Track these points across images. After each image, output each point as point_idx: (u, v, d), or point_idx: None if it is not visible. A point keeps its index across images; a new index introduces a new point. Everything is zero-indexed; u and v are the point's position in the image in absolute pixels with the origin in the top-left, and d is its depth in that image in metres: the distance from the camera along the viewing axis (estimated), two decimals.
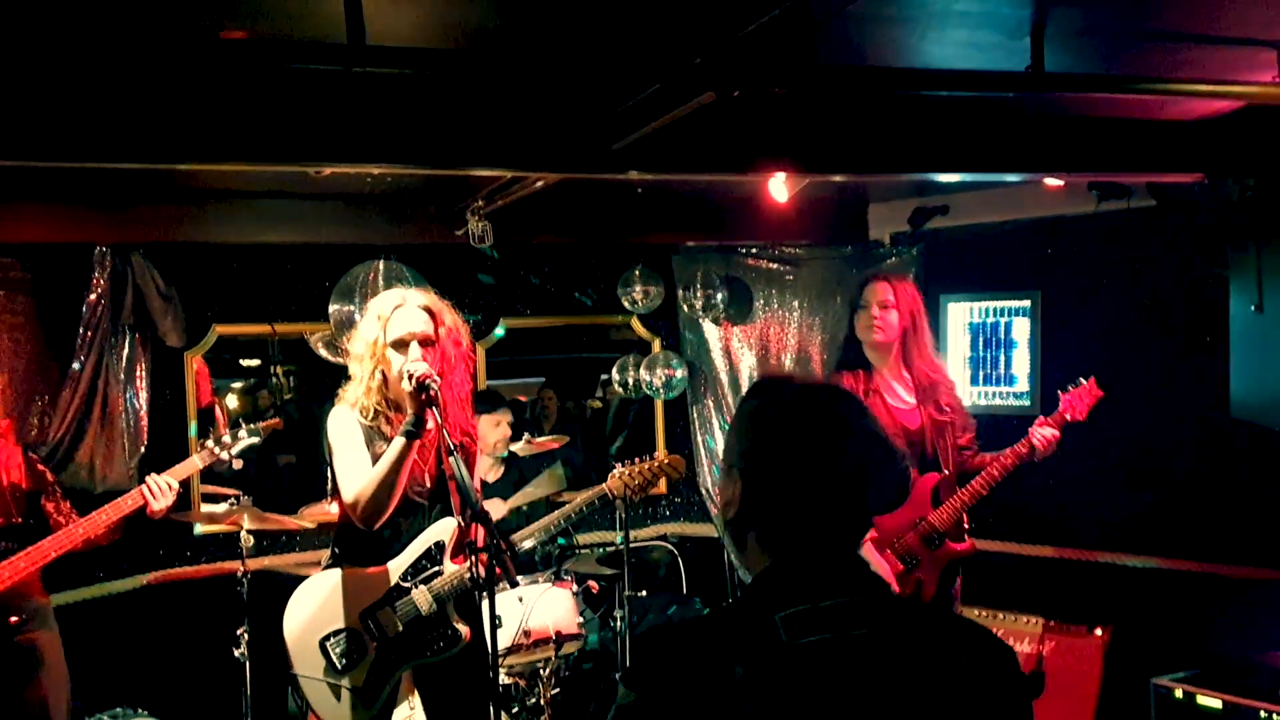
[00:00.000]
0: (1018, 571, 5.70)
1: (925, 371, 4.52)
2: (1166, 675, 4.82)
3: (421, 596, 3.70)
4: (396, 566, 3.74)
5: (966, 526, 4.55)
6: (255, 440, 4.35)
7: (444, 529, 3.74)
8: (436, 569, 3.71)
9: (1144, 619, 5.32)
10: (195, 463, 4.24)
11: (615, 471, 4.20)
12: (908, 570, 4.42)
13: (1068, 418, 4.43)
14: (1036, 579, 5.69)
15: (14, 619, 3.99)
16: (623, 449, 7.25)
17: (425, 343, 3.68)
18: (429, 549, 3.73)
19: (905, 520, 4.39)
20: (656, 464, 4.31)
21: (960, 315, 6.06)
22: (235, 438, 4.29)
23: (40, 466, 4.23)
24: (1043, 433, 4.38)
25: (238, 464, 4.47)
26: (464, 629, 3.73)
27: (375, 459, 3.69)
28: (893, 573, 4.36)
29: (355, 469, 3.69)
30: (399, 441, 3.59)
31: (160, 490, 4.06)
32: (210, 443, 4.27)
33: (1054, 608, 5.55)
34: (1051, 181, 5.05)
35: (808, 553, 1.66)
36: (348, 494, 3.67)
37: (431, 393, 3.57)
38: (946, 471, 4.46)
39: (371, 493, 3.62)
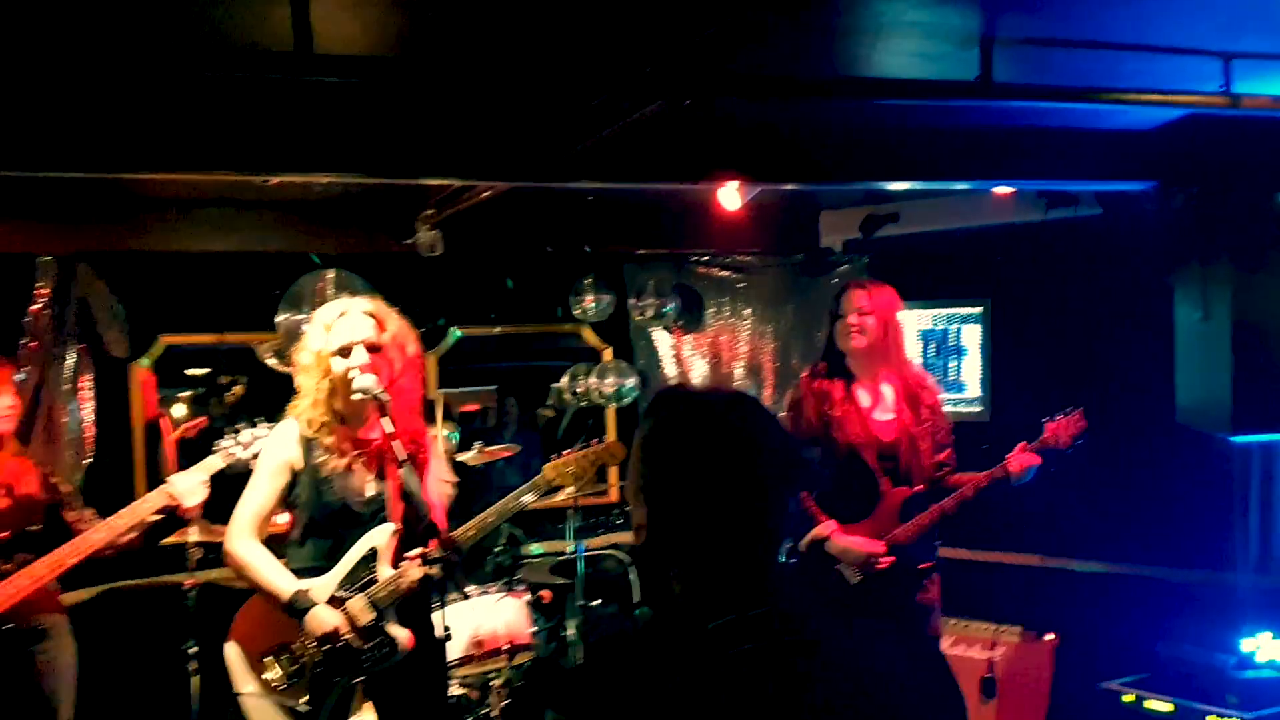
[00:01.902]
0: (968, 577, 5.74)
1: (905, 378, 4.47)
2: (1116, 680, 4.86)
3: (358, 605, 3.64)
4: (334, 576, 3.69)
5: (937, 542, 4.50)
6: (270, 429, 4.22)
7: (378, 536, 3.69)
8: (371, 576, 3.67)
9: (1093, 624, 5.37)
10: (216, 462, 4.10)
11: (552, 460, 4.17)
12: None
13: (1050, 445, 4.34)
14: (987, 585, 5.73)
15: (28, 628, 3.92)
16: None
17: (371, 349, 3.64)
18: (364, 556, 3.68)
19: (869, 534, 4.34)
20: (593, 451, 4.23)
21: (911, 322, 6.10)
22: (254, 435, 4.17)
23: (53, 479, 4.13)
24: (1020, 459, 4.30)
25: (254, 463, 4.31)
26: (403, 636, 3.67)
27: (313, 471, 3.67)
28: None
29: (249, 504, 3.73)
30: (289, 605, 3.61)
31: (192, 489, 3.97)
32: (227, 443, 4.13)
33: (1004, 613, 5.59)
34: (1001, 190, 5.10)
35: (728, 564, 1.65)
36: (234, 521, 3.72)
37: (382, 403, 3.55)
38: (919, 487, 4.39)
39: (241, 551, 3.69)
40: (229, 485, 4.12)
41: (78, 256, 5.27)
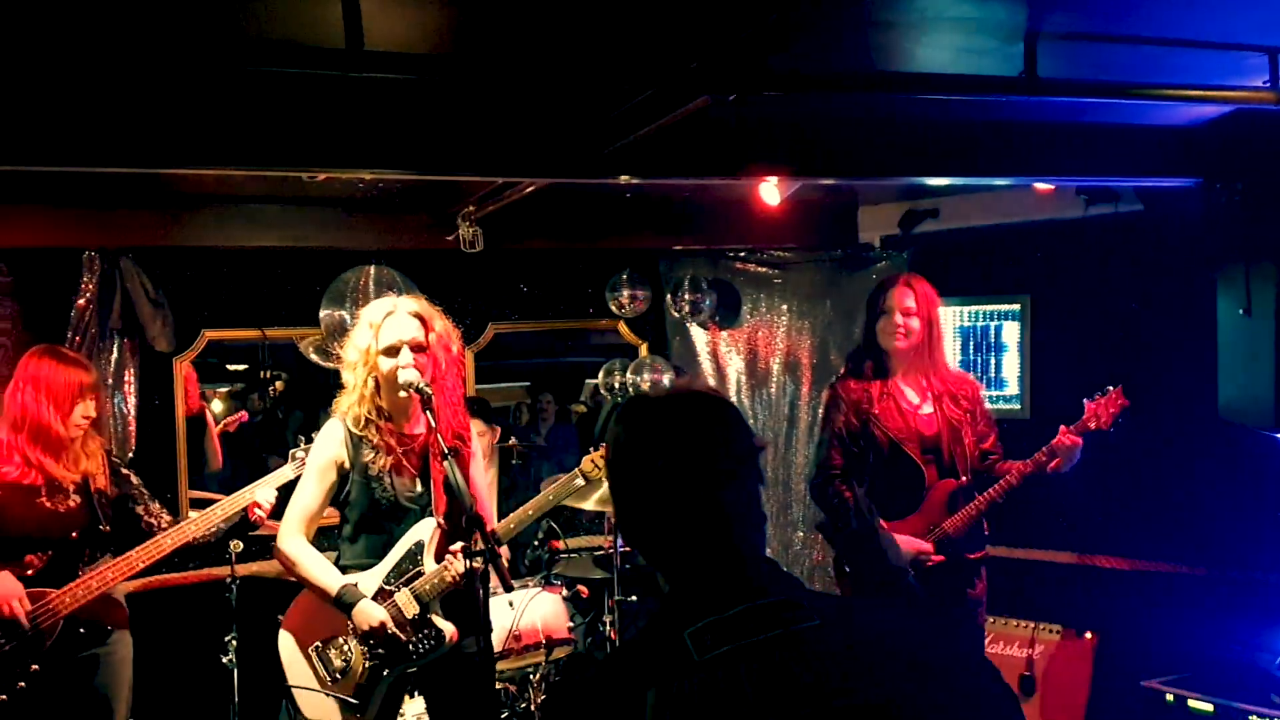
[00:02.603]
0: (1007, 575, 5.72)
1: (943, 373, 4.46)
2: (1157, 678, 4.83)
3: (404, 598, 3.69)
4: (380, 570, 3.74)
5: (986, 533, 4.48)
6: None
7: (424, 529, 3.74)
8: (417, 570, 3.71)
9: (1132, 622, 5.34)
10: (287, 473, 4.13)
11: (589, 454, 4.19)
12: None
13: (1090, 426, 4.32)
14: (1025, 583, 5.71)
15: (95, 628, 3.96)
16: None
17: (417, 348, 3.69)
18: (409, 550, 3.73)
19: (918, 527, 4.34)
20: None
21: (950, 319, 6.08)
22: None
23: (125, 471, 4.16)
24: (1065, 441, 4.28)
25: None
26: (449, 629, 3.72)
27: (363, 469, 3.73)
28: None
29: (298, 503, 3.80)
30: (337, 599, 3.68)
31: (267, 499, 4.05)
32: (302, 454, 4.16)
33: (1043, 611, 5.56)
34: (1041, 185, 5.07)
35: (704, 564, 1.64)
36: (286, 519, 3.79)
37: (427, 398, 3.60)
38: (964, 478, 4.38)
39: (291, 549, 3.77)
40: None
41: (123, 251, 5.33)
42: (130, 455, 5.35)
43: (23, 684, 3.75)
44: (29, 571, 3.83)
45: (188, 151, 3.37)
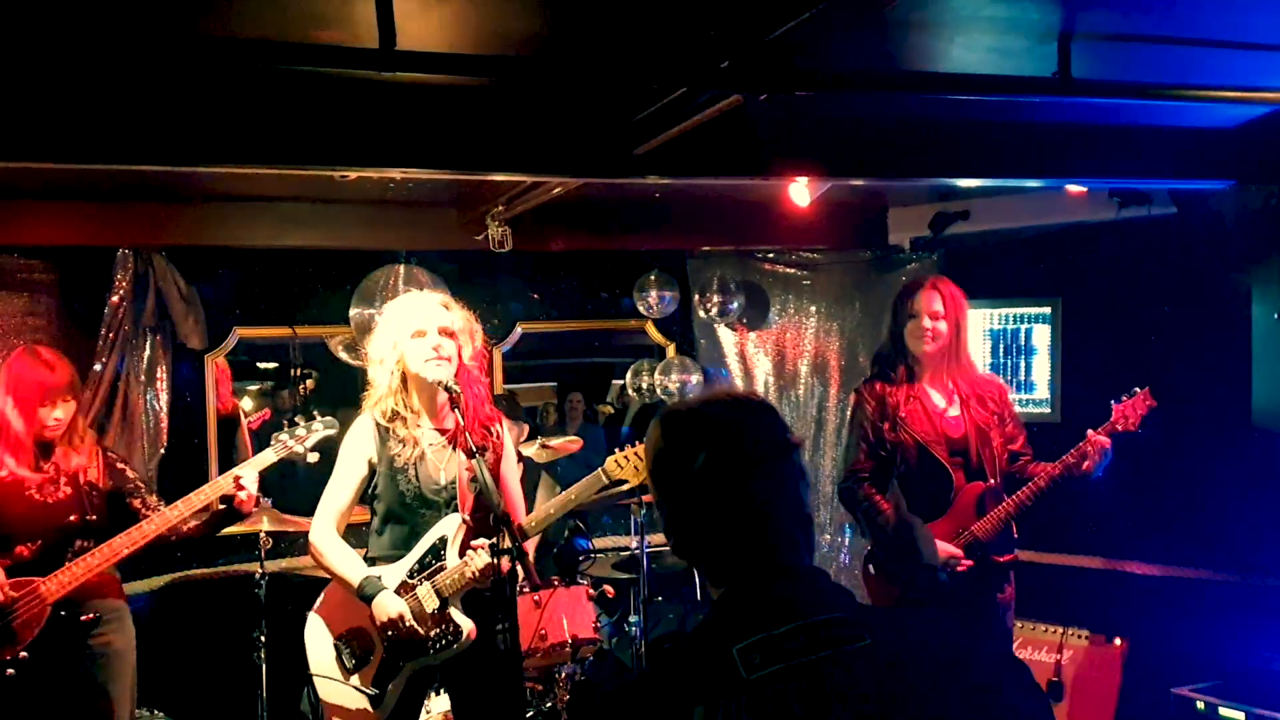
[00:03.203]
0: (1036, 579, 5.68)
1: (970, 376, 4.43)
2: (1187, 686, 4.79)
3: (424, 592, 3.72)
4: (405, 564, 3.76)
5: (1015, 536, 4.44)
6: (331, 432, 4.22)
7: (449, 525, 3.76)
8: (440, 564, 3.73)
9: (1162, 628, 5.30)
10: (270, 456, 4.17)
11: (615, 454, 4.20)
12: None
13: (1119, 428, 4.28)
14: (1054, 587, 5.67)
15: (86, 616, 3.99)
16: None
17: (445, 333, 3.73)
18: (433, 544, 3.76)
19: (947, 530, 4.31)
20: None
21: (980, 321, 6.05)
22: (310, 429, 4.24)
23: (120, 465, 4.21)
24: (1094, 443, 4.24)
25: (313, 457, 4.36)
26: (467, 625, 3.73)
27: (389, 462, 3.75)
28: None
29: (329, 498, 3.84)
30: (359, 590, 3.70)
31: (239, 484, 4.05)
32: (284, 436, 4.21)
33: (1071, 616, 5.53)
34: (1074, 188, 5.04)
35: (753, 573, 1.63)
36: (317, 513, 3.82)
37: (454, 394, 3.62)
38: (992, 481, 4.35)
39: (319, 541, 3.80)
40: (302, 478, 4.20)
41: (156, 249, 5.37)
42: (162, 451, 5.40)
43: (11, 670, 3.80)
44: (18, 561, 3.88)
45: (221, 150, 3.40)
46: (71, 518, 3.98)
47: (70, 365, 4.07)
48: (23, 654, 3.82)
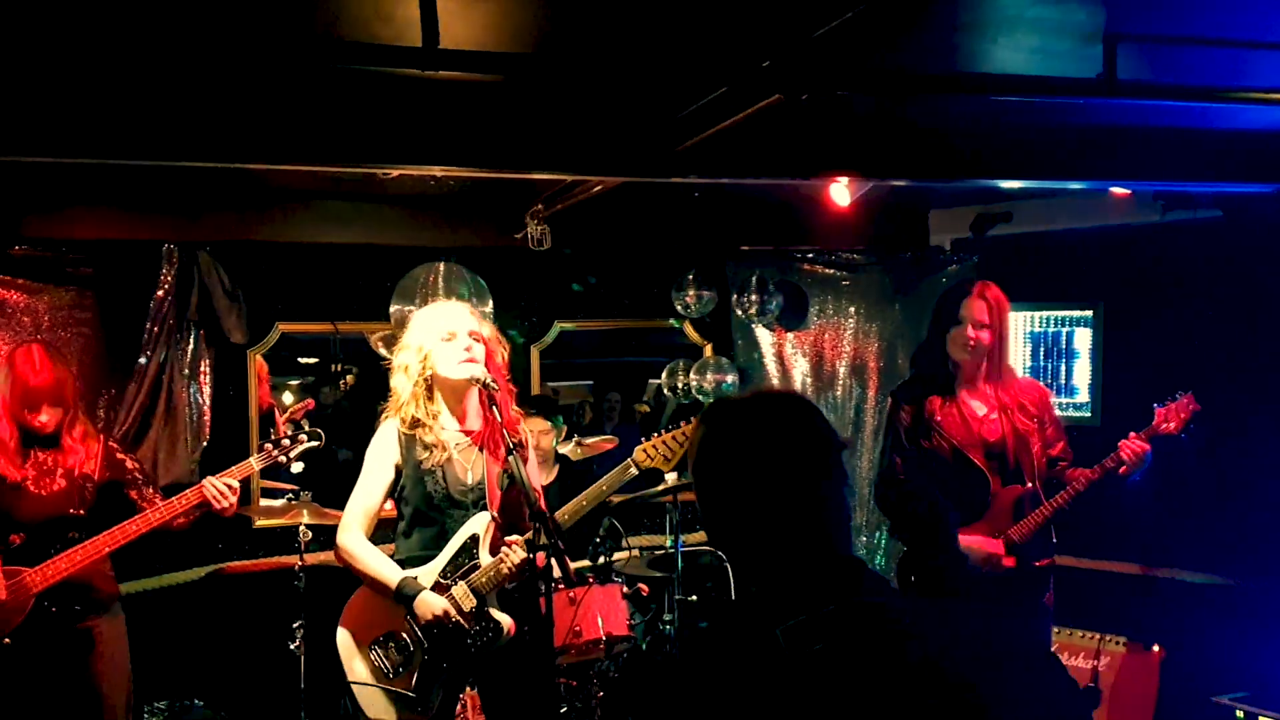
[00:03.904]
0: (1074, 585, 5.64)
1: (1009, 380, 4.41)
2: (1226, 695, 4.74)
3: (460, 592, 3.73)
4: (436, 565, 3.77)
5: (1054, 541, 4.41)
6: (315, 444, 4.35)
7: (478, 523, 3.78)
8: (473, 563, 3.75)
9: (1200, 636, 5.24)
10: (252, 464, 4.29)
11: (642, 443, 4.20)
12: None
13: (1161, 431, 4.25)
14: (1091, 593, 5.62)
15: (69, 607, 4.06)
16: None
17: (474, 336, 3.78)
18: (465, 543, 3.77)
19: (983, 534, 4.29)
20: (681, 432, 4.21)
21: (1020, 324, 6.01)
22: (295, 441, 4.34)
23: (120, 456, 4.29)
24: (1132, 446, 4.22)
25: (297, 466, 4.48)
26: (506, 621, 3.75)
27: (415, 465, 3.78)
28: None
29: (356, 501, 3.87)
30: (398, 591, 3.72)
31: (220, 493, 4.13)
32: (270, 445, 4.33)
33: (1109, 623, 5.48)
34: (1118, 191, 4.99)
35: (794, 563, 1.67)
36: (345, 517, 3.86)
37: (492, 390, 3.64)
38: (1030, 485, 4.32)
39: (351, 545, 3.82)
40: (342, 472, 4.25)
41: (201, 245, 5.43)
42: (205, 444, 5.45)
43: None
44: (9, 549, 3.96)
45: (266, 147, 3.44)
46: (64, 510, 4.07)
47: (63, 370, 4.13)
48: (5, 640, 3.90)
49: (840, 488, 1.73)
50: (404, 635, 3.78)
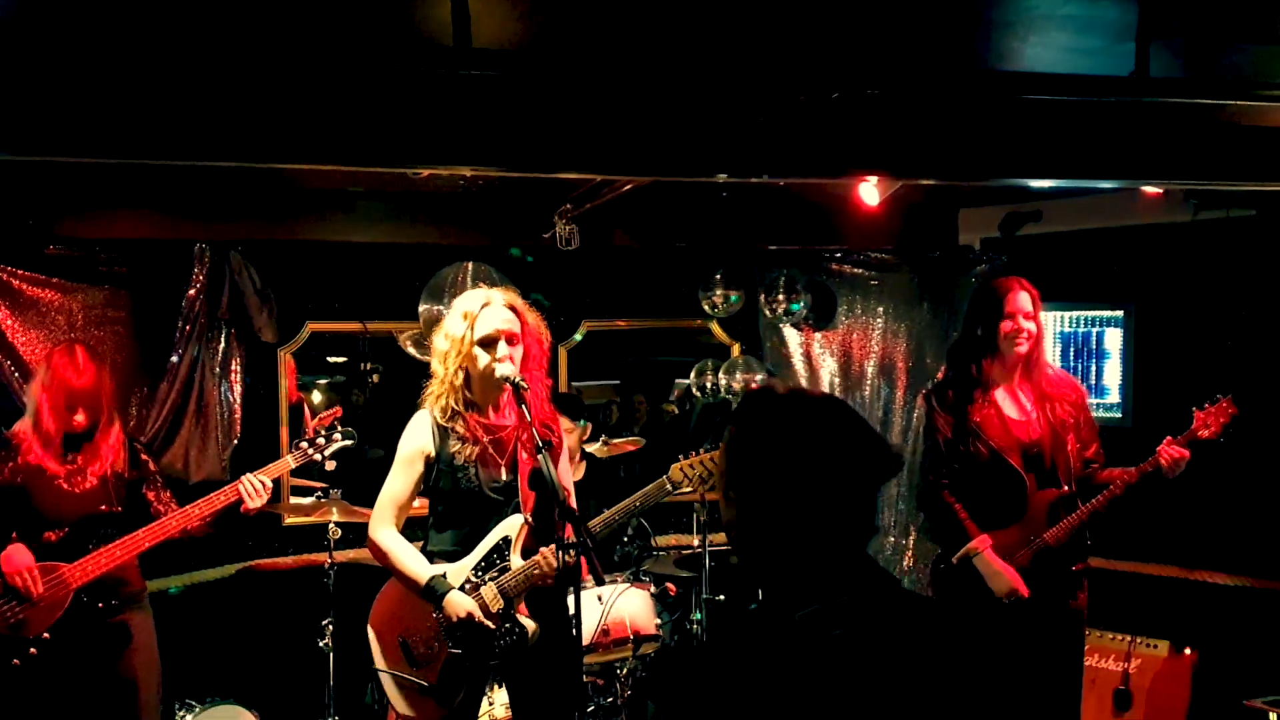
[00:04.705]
0: (1106, 587, 5.60)
1: (1048, 377, 4.37)
2: (1260, 698, 4.70)
3: (489, 593, 3.73)
4: (468, 562, 3.78)
5: (1088, 543, 4.37)
6: (349, 443, 4.39)
7: (511, 525, 3.77)
8: (504, 564, 3.75)
9: (1233, 639, 5.19)
10: (288, 463, 4.33)
11: (677, 463, 4.20)
12: None
13: (1200, 435, 4.21)
14: (1123, 595, 5.58)
15: (105, 602, 4.11)
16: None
17: (511, 340, 3.74)
18: (497, 544, 3.77)
19: (1017, 538, 4.26)
20: (719, 453, 4.23)
21: (1051, 324, 5.97)
22: (329, 440, 4.37)
23: (144, 456, 4.36)
24: (1170, 451, 4.17)
25: (330, 465, 4.51)
26: (530, 624, 3.75)
27: (449, 459, 3.77)
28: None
29: (387, 493, 3.86)
30: (426, 588, 3.73)
31: (255, 490, 4.16)
32: (304, 444, 4.36)
33: (1142, 625, 5.44)
34: (1150, 189, 4.95)
35: (817, 560, 1.69)
36: (376, 510, 3.86)
37: (522, 390, 3.64)
38: (1066, 488, 4.29)
39: (383, 539, 3.82)
40: (371, 470, 4.27)
41: (232, 244, 5.47)
42: (235, 442, 5.50)
43: (34, 650, 3.93)
44: (46, 546, 4.01)
45: (298, 147, 3.45)
46: (98, 507, 4.12)
47: (103, 371, 4.18)
48: (45, 635, 3.95)
49: (876, 492, 1.74)
50: (431, 631, 3.78)
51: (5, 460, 4.05)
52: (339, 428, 4.42)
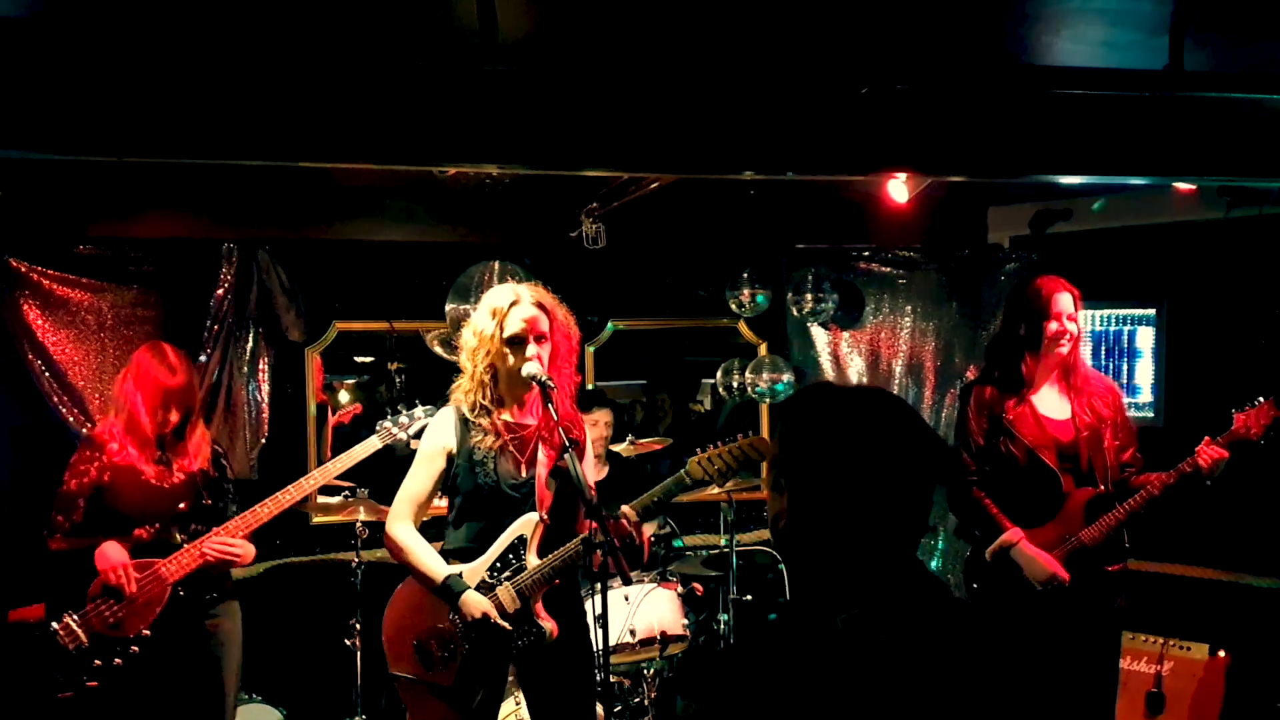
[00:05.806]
0: (1135, 588, 5.54)
1: (1085, 375, 4.33)
2: None
3: (505, 592, 3.70)
4: (483, 562, 3.76)
5: (1127, 545, 4.31)
6: (429, 419, 4.37)
7: (526, 524, 3.74)
8: (519, 564, 3.72)
9: (1268, 642, 5.13)
10: (374, 443, 4.35)
11: (697, 455, 4.17)
12: None
13: (1241, 436, 4.13)
14: (1157, 597, 5.52)
15: (204, 596, 4.16)
16: None
17: (540, 338, 3.71)
18: (512, 544, 3.74)
19: (1052, 537, 4.21)
20: (737, 446, 4.16)
21: (1082, 323, 5.90)
22: (412, 417, 4.39)
23: (224, 461, 4.39)
24: (1210, 452, 4.11)
25: (416, 444, 4.49)
26: (549, 625, 3.73)
27: (469, 454, 3.75)
28: None
29: (407, 489, 3.84)
30: (443, 588, 3.69)
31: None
32: (388, 423, 4.38)
33: (1175, 627, 5.38)
34: (1183, 186, 4.90)
35: (865, 562, 1.67)
36: (394, 506, 3.83)
37: (548, 389, 3.62)
38: (1103, 487, 4.23)
39: (400, 536, 3.78)
40: (397, 468, 4.26)
41: (260, 244, 5.50)
42: (263, 441, 5.52)
43: (136, 648, 3.97)
44: (138, 543, 4.04)
45: (325, 147, 3.45)
46: (185, 503, 4.14)
47: (191, 368, 4.23)
48: (145, 631, 3.99)
49: (931, 490, 1.72)
50: (448, 631, 3.75)
51: (92, 460, 4.07)
52: (419, 404, 4.42)
